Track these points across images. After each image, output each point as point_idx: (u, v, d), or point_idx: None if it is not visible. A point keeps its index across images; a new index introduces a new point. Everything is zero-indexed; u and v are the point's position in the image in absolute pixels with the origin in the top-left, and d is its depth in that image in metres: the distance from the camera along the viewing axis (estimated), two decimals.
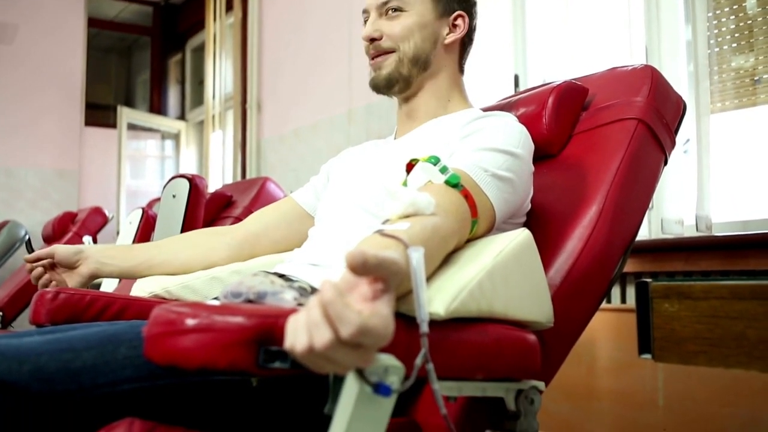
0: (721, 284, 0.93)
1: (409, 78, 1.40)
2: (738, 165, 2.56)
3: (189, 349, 0.79)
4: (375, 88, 1.44)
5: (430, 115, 1.42)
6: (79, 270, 1.46)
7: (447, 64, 1.44)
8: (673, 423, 2.32)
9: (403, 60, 1.39)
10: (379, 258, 0.70)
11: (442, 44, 1.42)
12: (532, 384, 1.04)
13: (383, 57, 1.41)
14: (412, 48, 1.39)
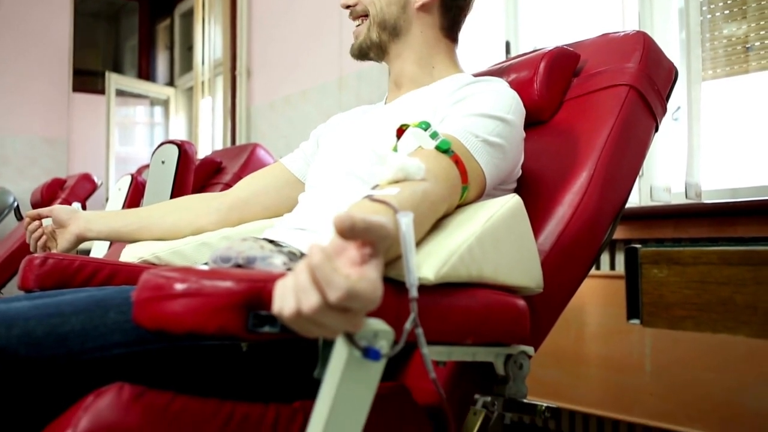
0: (710, 250, 0.93)
1: (380, 44, 1.40)
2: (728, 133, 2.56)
3: (178, 314, 0.79)
4: (353, 57, 1.45)
5: (416, 83, 1.41)
6: (69, 229, 1.46)
7: (422, 30, 1.41)
8: (659, 388, 2.35)
9: (372, 25, 1.39)
10: (367, 222, 0.70)
11: (413, 8, 1.39)
12: (521, 349, 1.04)
13: (361, 22, 1.41)
14: (379, 12, 1.38)
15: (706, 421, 2.23)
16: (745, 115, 2.52)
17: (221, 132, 4.74)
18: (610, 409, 2.51)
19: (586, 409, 2.59)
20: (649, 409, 2.39)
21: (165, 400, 0.88)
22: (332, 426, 0.76)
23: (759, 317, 0.88)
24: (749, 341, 2.11)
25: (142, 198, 2.51)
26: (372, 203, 0.88)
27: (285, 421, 0.94)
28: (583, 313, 2.55)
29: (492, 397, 1.03)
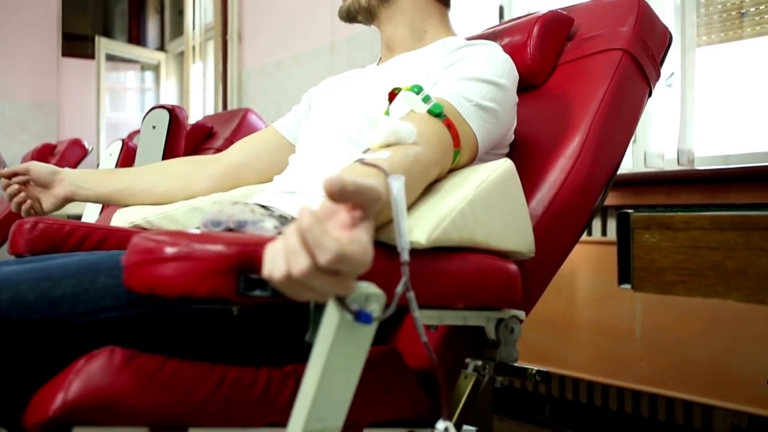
0: (702, 215, 0.93)
1: (368, 8, 1.39)
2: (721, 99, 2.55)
3: (168, 278, 0.79)
4: (341, 19, 1.44)
5: (406, 47, 1.40)
6: (54, 192, 1.45)
7: None
8: (649, 353, 2.37)
9: None
10: (357, 185, 0.69)
11: None
12: (512, 313, 1.04)
13: None
14: None
15: (695, 386, 2.26)
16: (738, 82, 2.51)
17: (212, 97, 4.71)
18: (600, 374, 2.53)
19: (576, 373, 2.61)
20: (638, 374, 2.41)
21: (156, 364, 0.88)
22: (324, 389, 0.76)
23: (749, 282, 0.88)
24: (738, 307, 2.12)
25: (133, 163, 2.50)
26: (363, 166, 0.88)
27: (277, 384, 0.94)
28: (575, 278, 2.56)
29: (483, 361, 1.03)
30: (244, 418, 0.93)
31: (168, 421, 0.90)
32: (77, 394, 0.84)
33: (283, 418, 0.80)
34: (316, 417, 0.77)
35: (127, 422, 0.88)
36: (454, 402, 1.02)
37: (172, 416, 0.89)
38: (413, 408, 1.05)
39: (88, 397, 0.84)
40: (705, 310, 2.22)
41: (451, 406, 1.01)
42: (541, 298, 1.22)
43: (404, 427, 1.06)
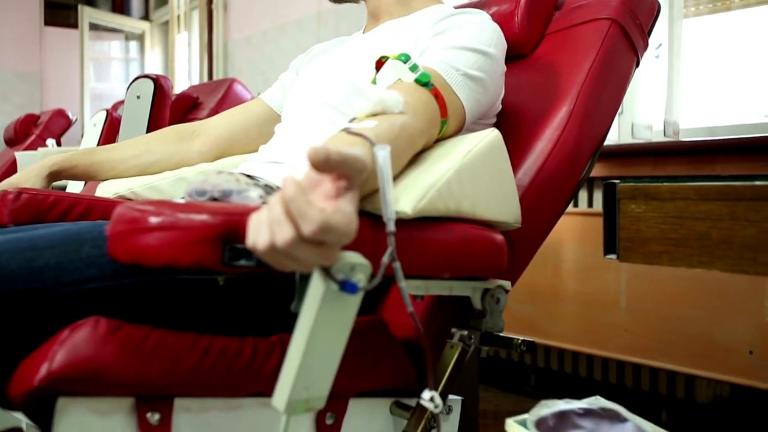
0: (688, 185, 0.93)
1: None
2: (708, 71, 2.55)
3: (153, 248, 0.78)
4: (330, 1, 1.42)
5: (393, 15, 1.38)
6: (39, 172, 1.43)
7: None
8: (634, 324, 2.39)
9: None
10: (342, 154, 0.69)
11: None
12: (498, 283, 1.05)
13: None
14: None
15: (678, 356, 2.28)
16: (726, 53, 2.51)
17: (198, 67, 4.66)
18: (585, 345, 2.55)
19: (562, 344, 2.63)
20: (623, 345, 2.43)
21: (141, 334, 0.88)
22: (309, 359, 0.76)
23: (734, 252, 0.88)
24: (722, 278, 2.14)
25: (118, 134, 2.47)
26: (349, 136, 0.87)
27: (262, 354, 0.94)
28: (561, 249, 2.57)
29: (469, 330, 1.03)
30: (229, 388, 0.93)
31: (153, 391, 0.90)
32: (62, 365, 0.84)
33: (269, 388, 0.80)
34: (302, 386, 0.77)
35: (113, 392, 0.88)
36: (439, 372, 1.02)
37: (157, 386, 0.89)
38: (399, 378, 1.05)
39: (73, 367, 0.84)
40: (689, 281, 2.23)
41: (437, 375, 1.02)
42: (528, 269, 1.23)
43: (390, 397, 1.06)
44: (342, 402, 1.01)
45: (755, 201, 0.87)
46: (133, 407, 0.89)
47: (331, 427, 1.00)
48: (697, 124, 2.51)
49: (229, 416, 0.95)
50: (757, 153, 2.17)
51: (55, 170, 1.41)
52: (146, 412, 0.89)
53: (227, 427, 0.95)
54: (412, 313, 0.81)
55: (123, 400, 0.89)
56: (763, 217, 0.85)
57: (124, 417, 0.89)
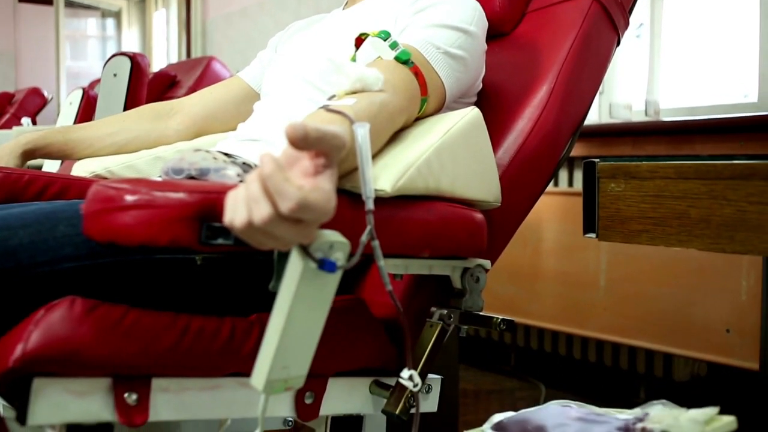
0: (667, 164, 0.93)
1: None
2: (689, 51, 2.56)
3: (129, 226, 0.77)
4: None
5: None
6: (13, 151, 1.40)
7: None
8: (613, 303, 2.41)
9: None
10: (320, 131, 0.68)
11: None
12: (477, 262, 1.04)
13: None
14: None
15: (657, 335, 2.30)
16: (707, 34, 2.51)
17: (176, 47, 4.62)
18: (565, 324, 2.57)
19: (541, 323, 2.65)
20: (602, 323, 2.45)
21: (118, 314, 0.87)
22: (288, 338, 0.76)
23: (711, 230, 0.89)
24: (700, 257, 2.16)
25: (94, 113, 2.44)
26: (328, 113, 0.86)
27: (241, 334, 0.93)
28: (541, 229, 2.58)
29: (448, 309, 1.03)
30: (207, 368, 0.93)
31: (131, 371, 0.89)
32: (37, 345, 0.83)
33: (247, 367, 0.79)
34: (280, 366, 0.77)
35: (89, 373, 0.87)
36: (419, 351, 1.02)
37: (134, 366, 0.88)
38: (379, 357, 1.05)
39: (48, 347, 0.83)
40: (668, 261, 2.25)
41: (416, 354, 1.02)
42: (508, 248, 1.23)
43: (370, 376, 1.06)
44: (321, 381, 1.01)
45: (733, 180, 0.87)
46: (110, 388, 0.88)
47: (310, 406, 1.00)
48: (677, 104, 2.52)
49: (208, 396, 0.95)
50: (736, 133, 2.18)
51: (29, 148, 1.38)
52: (123, 393, 0.89)
53: (205, 406, 0.95)
54: (391, 291, 0.80)
55: (100, 381, 0.88)
56: (741, 196, 0.86)
57: (101, 397, 0.88)
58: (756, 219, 0.85)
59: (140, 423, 0.90)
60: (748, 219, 0.85)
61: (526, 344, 2.86)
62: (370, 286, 1.20)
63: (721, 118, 2.26)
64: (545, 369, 2.86)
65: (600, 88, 1.38)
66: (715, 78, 2.48)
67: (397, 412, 0.98)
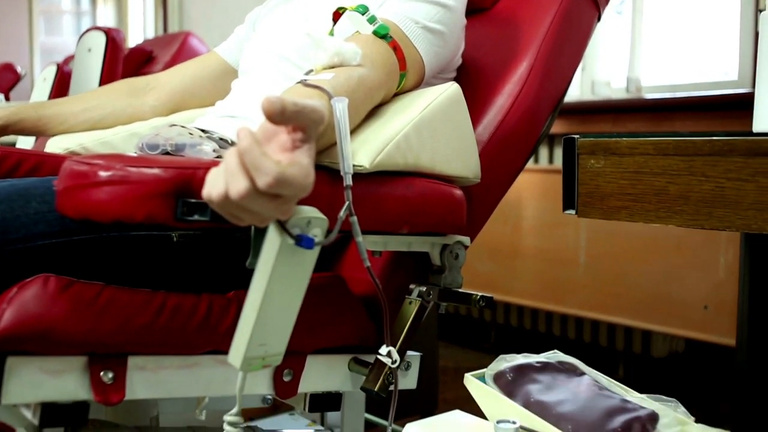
0: (646, 140, 0.93)
1: None
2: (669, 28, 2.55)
3: (103, 202, 0.76)
4: None
5: None
6: None
7: None
8: (592, 280, 2.42)
9: None
10: (298, 105, 0.67)
11: None
12: (457, 239, 1.04)
13: None
14: None
15: (636, 312, 2.32)
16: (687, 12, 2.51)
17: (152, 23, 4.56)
18: (544, 301, 2.58)
19: (521, 300, 2.66)
20: (581, 300, 2.46)
21: (93, 292, 0.86)
22: (265, 315, 0.75)
23: (690, 207, 0.89)
24: (679, 235, 2.17)
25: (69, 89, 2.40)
26: (305, 88, 0.85)
27: (218, 311, 0.93)
28: (520, 206, 2.58)
29: (427, 286, 1.03)
30: (185, 346, 0.92)
31: (107, 349, 0.88)
32: (10, 323, 0.82)
33: (225, 345, 0.79)
34: (258, 343, 0.76)
35: (64, 351, 0.86)
36: (398, 328, 1.02)
37: (111, 344, 0.88)
38: (357, 334, 1.05)
39: (22, 325, 0.82)
40: (647, 238, 2.26)
41: (395, 331, 1.01)
42: (487, 226, 1.22)
43: (348, 353, 1.06)
44: (299, 359, 1.00)
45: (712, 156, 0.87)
46: (86, 366, 0.88)
47: (288, 383, 1.00)
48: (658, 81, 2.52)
49: (185, 374, 0.94)
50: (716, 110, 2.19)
51: (1, 125, 1.36)
52: (99, 371, 0.88)
53: (183, 385, 0.94)
54: (370, 268, 0.80)
55: (75, 359, 0.87)
56: (720, 173, 0.86)
57: (76, 376, 0.87)
58: (734, 195, 0.85)
59: (117, 401, 0.89)
60: (727, 195, 0.85)
61: (506, 321, 2.88)
62: (348, 263, 1.20)
63: (701, 96, 2.27)
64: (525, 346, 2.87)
65: (581, 64, 1.37)
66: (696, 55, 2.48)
67: (376, 389, 0.98)
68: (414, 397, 1.23)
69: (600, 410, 0.77)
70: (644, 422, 0.77)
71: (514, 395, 0.81)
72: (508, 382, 0.82)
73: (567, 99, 1.33)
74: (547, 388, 0.79)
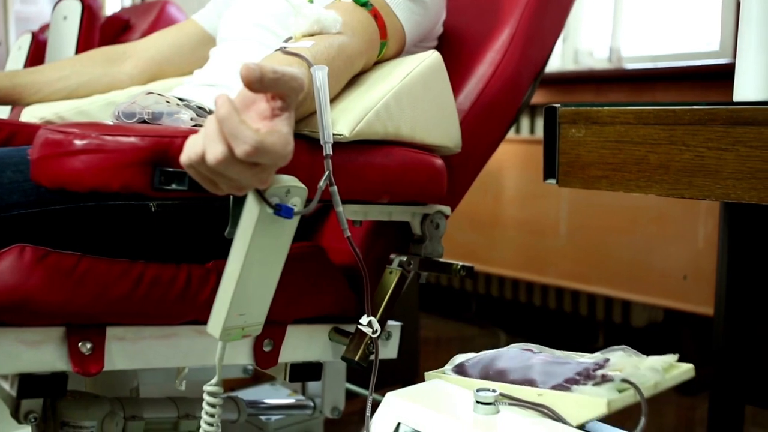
0: (628, 109, 0.93)
1: None
2: None
3: (79, 171, 0.75)
4: None
5: None
6: None
7: None
8: (573, 250, 2.43)
9: None
10: (277, 73, 0.66)
11: None
12: (437, 208, 1.04)
13: None
14: None
15: (615, 281, 2.33)
16: None
17: None
18: (525, 271, 2.59)
19: (502, 271, 2.67)
20: (562, 271, 2.47)
21: (71, 262, 0.85)
22: (244, 285, 0.75)
23: (670, 176, 0.89)
24: (659, 205, 2.18)
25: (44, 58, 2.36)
26: (285, 56, 0.84)
27: (197, 281, 0.92)
28: (502, 177, 2.58)
29: (408, 256, 1.03)
30: (163, 316, 0.91)
31: (85, 320, 0.87)
32: None
33: (204, 315, 0.78)
34: (237, 313, 0.76)
35: (41, 322, 0.86)
36: (378, 297, 1.02)
37: (88, 315, 0.87)
38: (338, 304, 1.05)
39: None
40: (628, 209, 2.27)
41: (376, 301, 1.01)
42: (469, 196, 1.22)
43: (329, 323, 1.06)
44: (280, 329, 1.00)
45: (693, 125, 0.87)
46: (64, 337, 0.87)
47: (268, 353, 0.99)
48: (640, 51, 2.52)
49: (164, 344, 0.93)
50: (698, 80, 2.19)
51: None
52: (78, 342, 0.88)
53: (162, 355, 0.94)
54: (350, 237, 0.79)
55: (53, 330, 0.87)
56: (700, 142, 0.86)
57: (54, 347, 0.87)
58: (714, 164, 0.85)
59: (95, 372, 0.89)
60: (707, 164, 0.85)
61: (487, 292, 2.89)
62: (329, 233, 1.19)
63: (683, 66, 2.27)
64: (506, 316, 2.90)
65: (563, 34, 1.37)
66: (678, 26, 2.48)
67: (357, 359, 0.98)
68: (395, 367, 1.23)
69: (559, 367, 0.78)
70: (598, 365, 0.78)
71: (475, 376, 0.82)
72: (467, 368, 0.82)
73: (549, 69, 1.33)
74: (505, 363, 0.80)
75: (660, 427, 1.96)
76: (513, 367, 0.78)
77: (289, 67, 0.69)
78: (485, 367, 0.80)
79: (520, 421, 0.66)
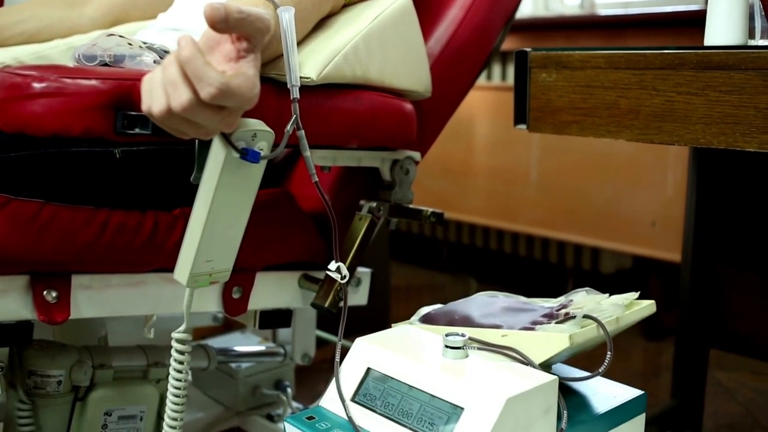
0: (598, 53, 0.92)
1: None
2: None
3: (38, 115, 0.73)
4: None
5: None
6: None
7: None
8: (544, 197, 2.44)
9: None
10: (243, 13, 0.64)
11: None
12: (407, 154, 1.03)
13: None
14: None
15: (585, 228, 2.35)
16: None
17: None
18: (496, 219, 2.60)
19: (473, 218, 2.68)
20: (532, 218, 2.49)
21: (33, 209, 0.83)
22: (211, 231, 0.74)
23: (640, 121, 0.89)
24: (629, 151, 2.19)
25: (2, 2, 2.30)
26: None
27: (164, 228, 0.91)
28: (473, 124, 2.58)
29: (378, 202, 1.02)
30: (129, 264, 0.90)
31: (49, 268, 0.86)
32: None
33: (172, 263, 0.77)
34: (204, 259, 0.75)
35: (4, 270, 0.84)
36: (348, 244, 1.01)
37: (53, 263, 0.85)
38: (307, 251, 1.04)
39: None
40: (598, 156, 2.28)
41: (345, 247, 1.01)
42: (439, 143, 1.21)
43: (299, 270, 1.05)
44: (249, 276, 0.99)
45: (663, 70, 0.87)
46: (28, 285, 0.86)
47: (238, 301, 0.99)
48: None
49: (131, 292, 0.93)
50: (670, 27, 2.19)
51: None
52: (42, 290, 0.86)
53: (129, 303, 0.93)
54: (318, 183, 0.78)
55: (16, 279, 0.85)
56: (670, 86, 0.86)
57: (18, 296, 0.86)
58: (683, 109, 0.85)
59: (61, 320, 0.87)
60: (676, 109, 0.85)
61: (458, 239, 2.90)
62: (298, 179, 1.18)
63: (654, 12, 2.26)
64: (476, 264, 2.92)
65: None
66: None
67: (326, 305, 0.98)
68: (365, 314, 1.23)
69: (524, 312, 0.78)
70: (561, 305, 0.79)
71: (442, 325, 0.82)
72: (434, 317, 0.82)
73: (520, 15, 1.31)
74: (471, 310, 0.80)
75: (627, 372, 2.00)
76: (479, 314, 0.79)
77: (254, 8, 0.67)
78: (451, 315, 0.80)
79: (487, 365, 0.67)
